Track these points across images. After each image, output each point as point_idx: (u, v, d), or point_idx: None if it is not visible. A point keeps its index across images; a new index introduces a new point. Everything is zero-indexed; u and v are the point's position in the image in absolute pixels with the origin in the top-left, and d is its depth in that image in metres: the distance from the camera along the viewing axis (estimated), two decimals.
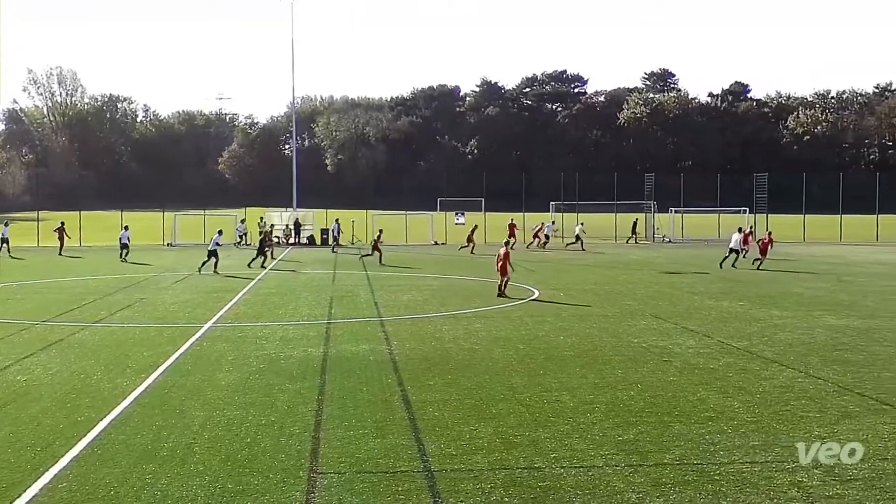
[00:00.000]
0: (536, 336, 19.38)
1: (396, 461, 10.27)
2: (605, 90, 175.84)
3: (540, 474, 9.77)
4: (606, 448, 10.73)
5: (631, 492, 9.19)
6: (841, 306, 24.59)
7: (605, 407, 12.80)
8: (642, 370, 15.57)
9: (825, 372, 15.34)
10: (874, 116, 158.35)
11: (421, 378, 14.86)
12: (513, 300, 26.18)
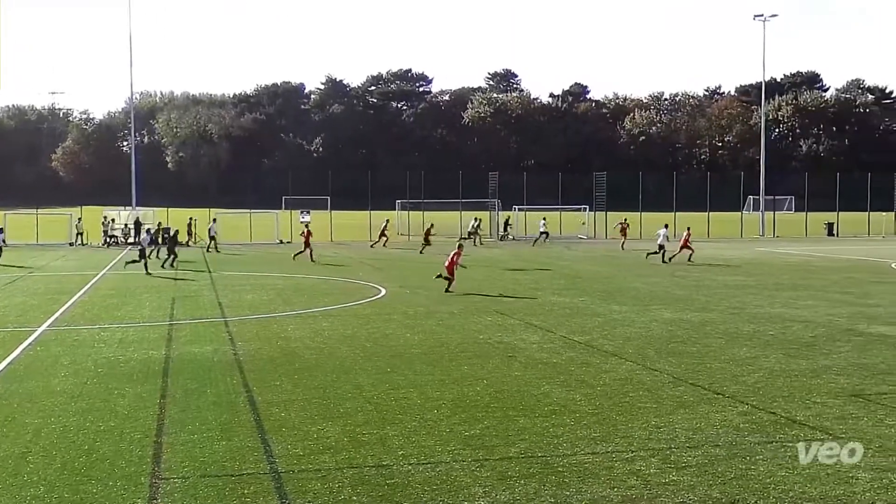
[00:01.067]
0: (383, 334, 19.41)
1: (242, 463, 10.10)
2: (449, 89, 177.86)
3: (388, 472, 9.79)
4: (453, 444, 10.84)
5: (478, 486, 9.31)
6: (675, 300, 25.57)
7: (452, 403, 12.94)
8: (488, 366, 15.80)
9: (661, 364, 15.93)
10: (705, 118, 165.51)
11: (267, 378, 14.66)
12: (360, 299, 26.15)
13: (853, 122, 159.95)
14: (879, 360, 16.30)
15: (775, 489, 9.16)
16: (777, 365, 15.80)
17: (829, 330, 19.89)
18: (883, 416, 12.06)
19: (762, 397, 13.25)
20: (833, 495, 8.96)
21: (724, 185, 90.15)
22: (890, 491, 9.07)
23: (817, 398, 13.17)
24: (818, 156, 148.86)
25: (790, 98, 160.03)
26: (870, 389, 13.83)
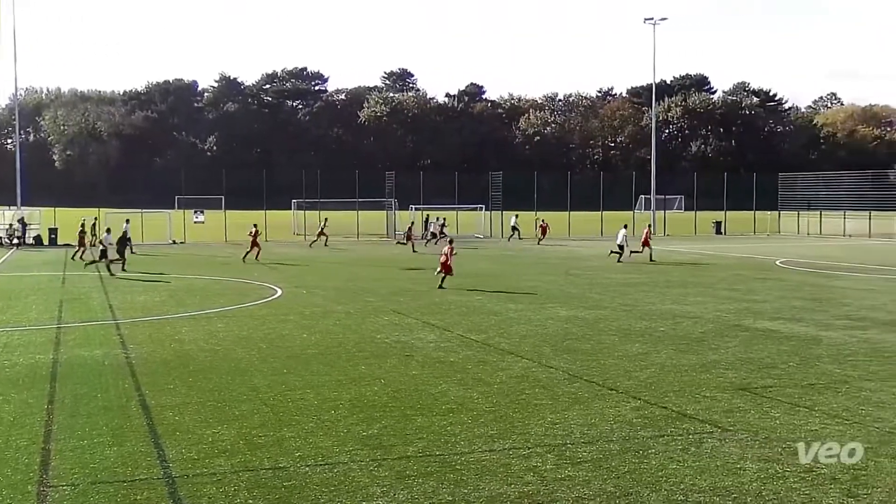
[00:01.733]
0: (280, 335, 19.21)
1: (135, 469, 9.88)
2: (345, 88, 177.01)
3: (285, 474, 9.70)
4: (351, 444, 10.80)
5: (376, 486, 9.29)
6: (570, 298, 25.95)
7: (350, 403, 12.89)
8: (385, 365, 15.79)
9: (557, 361, 16.15)
10: (598, 119, 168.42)
11: (159, 382, 14.37)
12: (256, 299, 25.84)
13: (739, 123, 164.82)
14: (765, 354, 16.83)
15: (667, 482, 9.37)
16: (668, 360, 16.18)
17: (718, 326, 20.45)
18: (768, 409, 12.46)
19: (654, 392, 13.56)
20: (722, 486, 9.22)
21: (616, 184, 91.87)
22: (776, 480, 9.37)
23: (706, 392, 13.54)
24: (706, 156, 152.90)
25: (679, 100, 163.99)
26: (756, 383, 14.28)
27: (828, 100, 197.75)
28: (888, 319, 21.40)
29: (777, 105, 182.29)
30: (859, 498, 8.88)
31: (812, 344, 17.96)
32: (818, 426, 11.54)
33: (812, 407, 12.59)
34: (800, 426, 11.53)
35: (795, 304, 24.37)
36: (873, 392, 13.53)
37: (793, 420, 11.85)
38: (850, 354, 16.79)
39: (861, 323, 20.79)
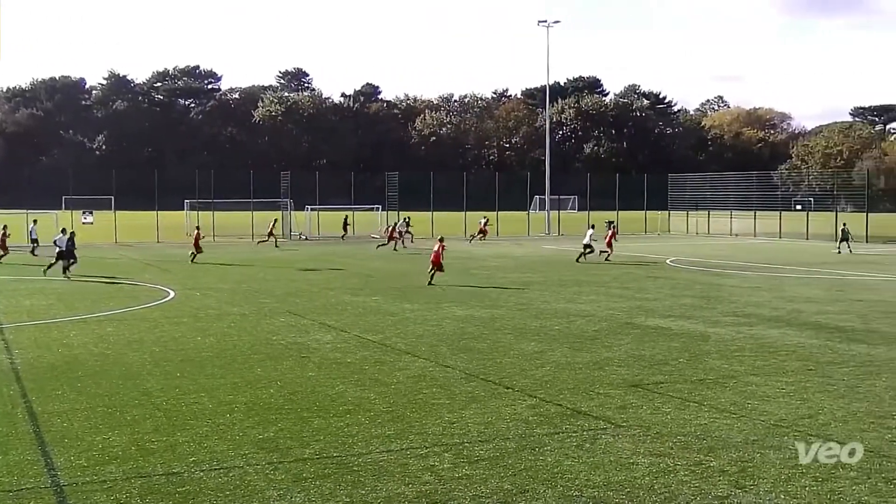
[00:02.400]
0: (173, 338, 18.85)
1: (21, 478, 9.57)
2: (239, 87, 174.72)
3: (179, 479, 9.52)
4: (247, 447, 10.67)
5: (272, 489, 9.20)
6: (467, 297, 26.10)
7: (245, 406, 12.73)
8: (281, 367, 15.64)
9: (454, 360, 16.24)
10: (493, 120, 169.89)
11: (47, 387, 13.95)
12: (147, 302, 25.30)
13: (631, 125, 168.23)
14: (656, 351, 17.22)
15: (562, 478, 9.51)
16: (563, 358, 16.42)
17: (611, 324, 20.84)
18: (660, 405, 12.76)
19: (549, 390, 13.74)
20: (615, 481, 9.40)
21: (511, 184, 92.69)
22: (667, 475, 9.60)
23: (600, 389, 13.78)
24: (599, 157, 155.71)
25: (573, 101, 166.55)
26: (648, 379, 14.60)
27: (715, 102, 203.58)
28: (772, 316, 22.12)
29: (667, 107, 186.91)
30: (746, 489, 9.16)
31: (701, 340, 18.45)
32: (707, 420, 11.86)
33: (701, 402, 12.93)
34: (690, 421, 11.83)
35: (685, 302, 25.00)
36: (759, 386, 13.97)
37: (683, 415, 12.15)
38: (737, 350, 17.31)
39: (747, 320, 21.44)
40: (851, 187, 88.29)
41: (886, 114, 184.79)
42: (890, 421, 11.82)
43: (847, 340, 18.39)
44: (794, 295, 26.83)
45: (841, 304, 24.56)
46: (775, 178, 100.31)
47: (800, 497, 8.92)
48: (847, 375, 14.87)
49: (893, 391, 13.65)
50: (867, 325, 20.69)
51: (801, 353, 17.03)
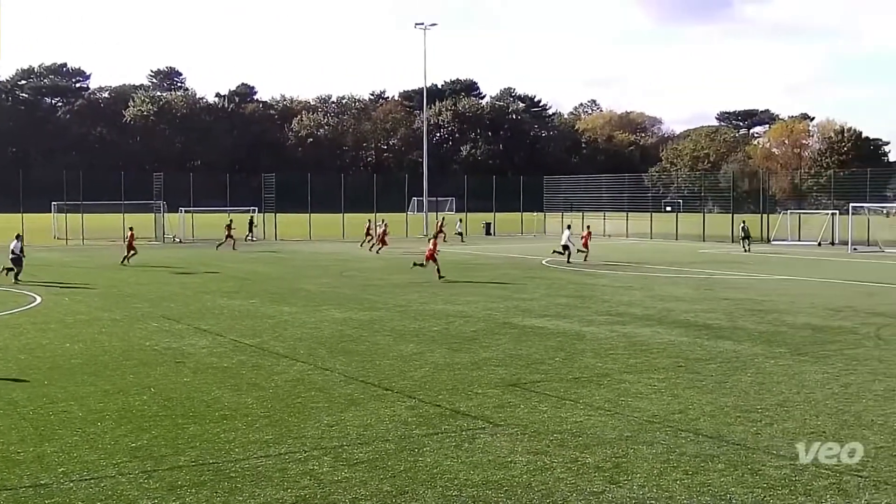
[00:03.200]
0: (40, 345, 18.20)
1: None
2: (109, 86, 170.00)
3: (47, 491, 9.20)
4: (119, 456, 10.38)
5: (146, 498, 8.98)
6: (345, 300, 26.00)
7: (117, 414, 12.38)
8: (155, 373, 15.27)
9: (332, 363, 16.15)
10: (370, 121, 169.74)
11: None
12: (12, 307, 24.36)
13: (507, 128, 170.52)
14: (533, 350, 17.48)
15: (442, 478, 9.56)
16: (441, 359, 16.51)
17: (489, 324, 21.06)
18: (537, 403, 12.95)
19: (428, 391, 13.79)
20: (494, 480, 9.49)
21: (389, 186, 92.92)
22: (544, 472, 9.75)
23: (479, 389, 13.91)
24: (476, 159, 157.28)
25: (450, 104, 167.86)
26: (525, 378, 14.80)
27: (588, 106, 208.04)
28: (644, 314, 22.71)
29: (541, 110, 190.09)
30: (620, 484, 9.37)
31: (576, 339, 18.81)
32: (583, 417, 12.10)
33: (577, 400, 13.18)
34: (566, 418, 12.05)
35: (560, 302, 25.45)
36: (632, 384, 14.32)
37: (560, 413, 12.37)
38: (611, 348, 17.71)
39: (620, 318, 21.96)
40: (718, 189, 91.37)
41: (750, 118, 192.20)
42: (755, 414, 12.28)
43: (714, 338, 19.03)
44: (664, 294, 27.61)
45: (708, 303, 25.39)
46: (646, 180, 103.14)
47: (671, 490, 9.18)
48: (715, 371, 15.39)
49: (758, 386, 14.18)
50: (733, 322, 21.45)
51: (671, 350, 17.54)
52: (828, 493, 9.07)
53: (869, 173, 67.45)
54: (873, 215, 56.36)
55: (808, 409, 12.64)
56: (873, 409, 12.61)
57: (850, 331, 20.09)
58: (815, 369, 15.53)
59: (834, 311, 23.36)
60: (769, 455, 10.39)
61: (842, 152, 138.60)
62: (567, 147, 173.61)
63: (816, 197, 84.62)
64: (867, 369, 15.54)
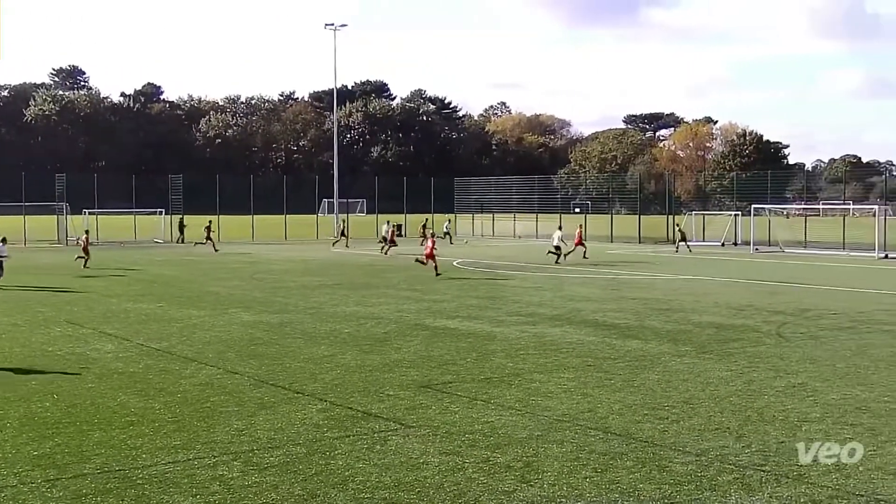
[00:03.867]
0: None
1: None
2: (8, 85, 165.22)
3: None
4: (21, 465, 10.08)
5: None
6: (255, 303, 25.72)
7: (18, 422, 12.02)
8: (58, 379, 14.87)
9: (242, 367, 15.95)
10: (280, 122, 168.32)
11: None
12: None
13: (417, 129, 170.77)
14: (444, 351, 17.53)
15: (353, 481, 9.52)
16: (353, 361, 16.45)
17: (400, 326, 21.05)
18: (448, 404, 12.99)
19: (340, 393, 13.73)
20: (406, 482, 9.49)
21: (300, 187, 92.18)
22: (456, 472, 9.79)
23: (390, 391, 13.89)
24: (387, 161, 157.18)
25: (361, 105, 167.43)
26: (437, 379, 14.84)
27: (498, 108, 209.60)
28: (553, 315, 22.97)
29: (452, 112, 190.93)
30: (531, 483, 9.46)
31: (487, 340, 18.92)
32: (494, 418, 12.18)
33: (489, 400, 13.26)
34: (477, 419, 12.11)
35: (472, 303, 25.58)
36: (542, 383, 14.47)
37: (471, 413, 12.43)
38: (522, 349, 17.86)
39: (530, 319, 22.17)
40: (625, 191, 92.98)
41: (656, 121, 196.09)
42: (662, 412, 12.51)
43: (623, 337, 19.35)
44: (573, 294, 27.97)
45: (616, 303, 25.80)
46: (555, 181, 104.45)
47: (581, 488, 9.30)
48: (623, 370, 15.64)
49: (665, 384, 14.46)
50: (641, 321, 21.84)
51: (580, 349, 17.77)
52: (732, 488, 9.29)
53: (770, 175, 69.38)
54: (774, 216, 57.95)
55: (712, 405, 12.94)
56: (775, 404, 12.97)
57: (753, 329, 20.63)
58: (719, 367, 15.91)
59: (737, 310, 23.97)
60: (676, 451, 10.61)
61: (744, 155, 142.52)
62: (477, 149, 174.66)
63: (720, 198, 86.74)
64: (769, 366, 15.98)
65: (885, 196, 75.21)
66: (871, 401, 13.19)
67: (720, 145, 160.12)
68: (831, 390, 13.96)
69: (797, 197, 75.87)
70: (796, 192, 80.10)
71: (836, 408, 12.76)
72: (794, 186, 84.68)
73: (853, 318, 22.26)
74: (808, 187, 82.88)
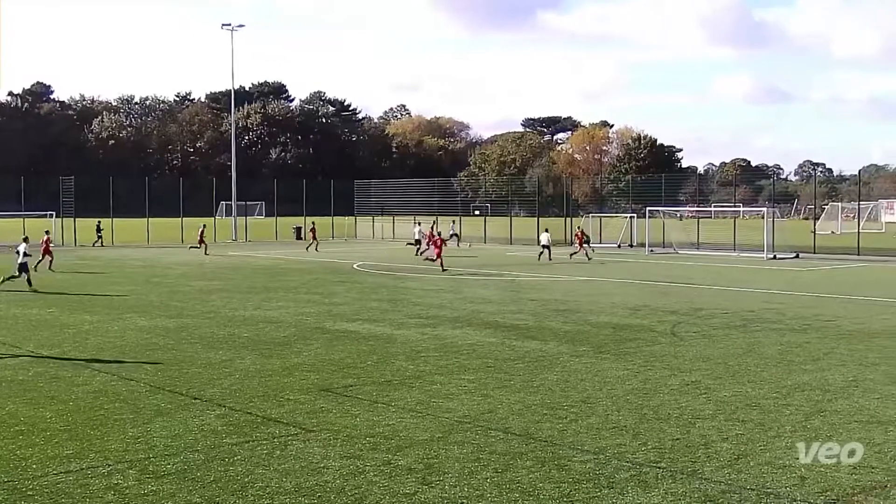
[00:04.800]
0: None
1: None
2: None
3: None
4: None
5: None
6: (151, 307, 25.21)
7: None
8: None
9: (138, 373, 15.62)
10: (176, 123, 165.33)
11: None
12: None
13: (317, 131, 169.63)
14: (345, 354, 17.46)
15: (253, 487, 9.41)
16: (252, 366, 16.25)
17: (300, 329, 20.88)
18: (349, 408, 12.94)
19: (239, 399, 13.55)
20: (306, 486, 9.42)
21: (197, 190, 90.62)
22: (356, 476, 9.75)
23: (290, 395, 13.77)
24: (286, 163, 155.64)
25: (259, 107, 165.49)
26: (337, 383, 14.76)
27: (398, 111, 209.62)
28: (454, 316, 23.08)
29: (351, 114, 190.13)
30: (432, 485, 9.48)
31: (388, 343, 18.91)
32: (395, 420, 12.17)
33: (389, 403, 13.26)
34: (379, 422, 12.09)
35: (372, 306, 25.52)
36: (443, 385, 14.52)
37: (372, 417, 12.40)
38: (423, 351, 17.90)
39: (431, 321, 22.23)
40: (524, 193, 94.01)
41: (554, 125, 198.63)
42: (561, 411, 12.69)
43: (522, 338, 19.55)
44: (473, 296, 28.15)
45: (516, 304, 26.06)
46: (455, 184, 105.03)
47: (482, 488, 9.36)
48: (523, 371, 15.81)
49: (563, 383, 14.66)
50: (540, 322, 22.10)
51: (480, 351, 17.90)
52: (629, 485, 9.47)
53: (664, 179, 71.01)
54: (668, 218, 59.29)
55: (610, 404, 13.17)
56: (670, 402, 13.28)
57: (648, 328, 21.08)
58: (616, 366, 16.21)
59: (633, 310, 24.45)
60: (575, 450, 10.77)
61: (639, 158, 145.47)
62: (377, 151, 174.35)
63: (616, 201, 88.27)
64: (663, 365, 16.34)
65: (773, 199, 77.79)
66: (760, 397, 13.61)
67: (616, 149, 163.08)
68: (723, 387, 14.35)
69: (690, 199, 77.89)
70: (689, 195, 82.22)
71: (728, 404, 13.13)
72: (687, 189, 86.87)
73: (743, 317, 22.92)
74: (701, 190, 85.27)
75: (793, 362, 16.61)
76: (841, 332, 20.33)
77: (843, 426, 11.89)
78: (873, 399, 13.49)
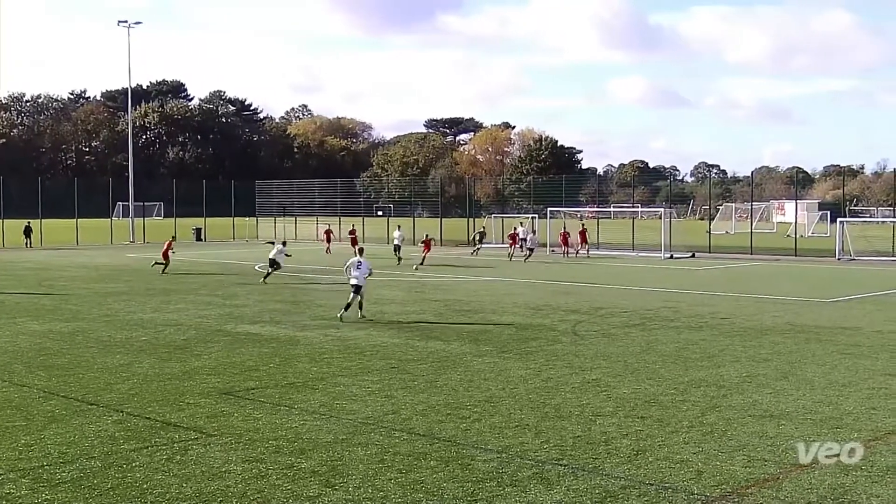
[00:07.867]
0: None
1: None
2: None
3: None
4: None
5: None
6: (44, 311, 24.51)
7: None
8: None
9: (30, 379, 15.17)
10: (70, 122, 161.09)
11: None
12: None
13: (217, 131, 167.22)
14: (247, 357, 17.25)
15: (152, 493, 9.22)
16: (150, 370, 15.93)
17: (200, 332, 20.55)
18: (252, 411, 12.78)
19: (137, 403, 13.26)
20: (207, 491, 9.27)
21: (92, 190, 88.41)
22: (259, 480, 9.64)
23: (190, 399, 13.54)
24: (185, 163, 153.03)
25: (157, 106, 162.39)
26: (239, 386, 14.57)
27: (300, 111, 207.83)
28: (356, 317, 22.97)
29: (252, 114, 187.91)
30: (336, 487, 9.43)
31: (291, 345, 18.75)
32: (298, 423, 12.07)
33: (292, 405, 13.14)
34: (281, 425, 11.98)
35: (274, 308, 25.26)
36: (347, 387, 14.46)
37: (275, 419, 12.27)
38: (326, 353, 17.80)
39: (334, 322, 22.10)
40: (427, 194, 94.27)
41: (456, 126, 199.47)
42: (464, 411, 12.75)
43: (426, 338, 19.59)
44: (377, 297, 28.07)
45: (420, 304, 26.11)
46: (358, 185, 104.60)
47: (386, 490, 9.35)
48: (426, 371, 15.84)
49: (467, 383, 14.74)
50: (443, 322, 22.18)
51: (384, 352, 17.87)
52: (531, 483, 9.57)
53: (564, 180, 71.96)
54: (569, 219, 60.08)
55: (512, 403, 13.29)
56: (571, 400, 13.46)
57: (550, 328, 21.34)
58: (518, 365, 16.36)
59: (535, 310, 24.72)
60: (478, 449, 10.83)
61: (540, 159, 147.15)
62: (279, 152, 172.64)
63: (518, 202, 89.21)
64: (565, 364, 16.57)
65: (669, 200, 79.43)
66: (659, 394, 13.90)
67: (518, 150, 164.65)
68: (623, 385, 14.62)
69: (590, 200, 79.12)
70: (589, 196, 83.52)
71: (628, 401, 13.37)
72: (587, 190, 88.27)
73: (642, 316, 23.38)
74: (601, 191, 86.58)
75: (689, 359, 17.01)
76: (735, 329, 20.91)
77: (737, 420, 12.22)
78: (766, 394, 13.90)
